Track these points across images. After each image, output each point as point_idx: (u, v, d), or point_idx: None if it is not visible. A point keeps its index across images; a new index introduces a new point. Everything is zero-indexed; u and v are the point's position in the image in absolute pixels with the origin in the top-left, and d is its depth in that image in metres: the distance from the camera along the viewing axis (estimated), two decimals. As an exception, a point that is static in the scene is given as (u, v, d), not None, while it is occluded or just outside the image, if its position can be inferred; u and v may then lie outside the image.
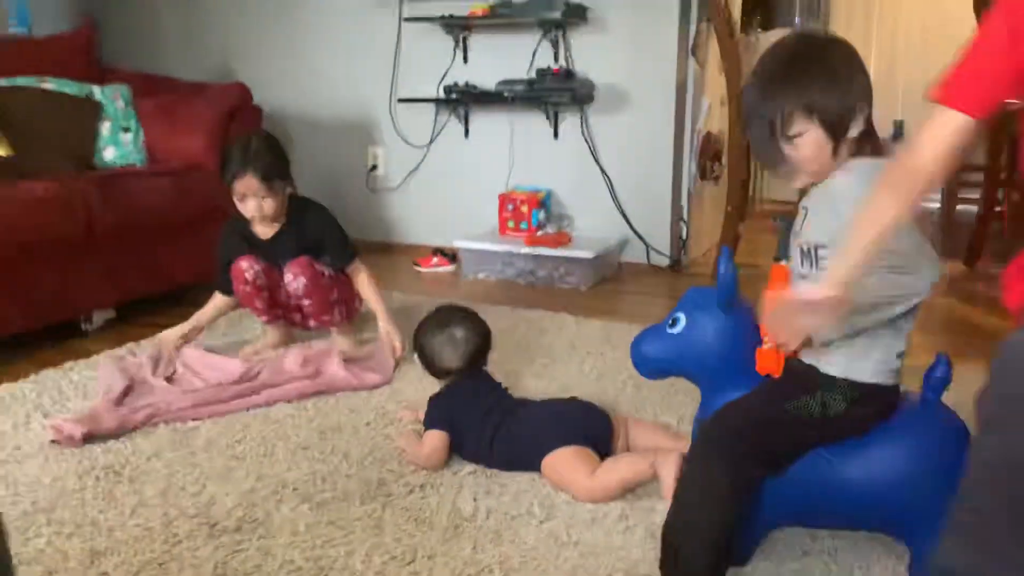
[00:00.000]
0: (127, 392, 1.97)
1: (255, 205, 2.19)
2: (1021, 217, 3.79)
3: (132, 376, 2.05)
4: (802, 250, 1.23)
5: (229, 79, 3.56)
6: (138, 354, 2.20)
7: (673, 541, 1.19)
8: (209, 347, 2.29)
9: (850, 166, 1.20)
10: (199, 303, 2.78)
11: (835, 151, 1.20)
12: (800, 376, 1.22)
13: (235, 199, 2.20)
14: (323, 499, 1.50)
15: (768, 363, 1.24)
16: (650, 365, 1.35)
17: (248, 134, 2.28)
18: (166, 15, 4.04)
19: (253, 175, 2.15)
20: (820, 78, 1.18)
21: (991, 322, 2.51)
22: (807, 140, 1.19)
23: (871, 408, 1.21)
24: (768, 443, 1.20)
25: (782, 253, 1.28)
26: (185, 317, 2.60)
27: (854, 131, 1.20)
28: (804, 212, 1.25)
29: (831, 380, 1.20)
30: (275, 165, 2.20)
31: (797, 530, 1.35)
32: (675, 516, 1.20)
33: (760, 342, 1.25)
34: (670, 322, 1.32)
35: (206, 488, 1.55)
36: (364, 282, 2.31)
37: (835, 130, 1.19)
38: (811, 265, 1.21)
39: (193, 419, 1.85)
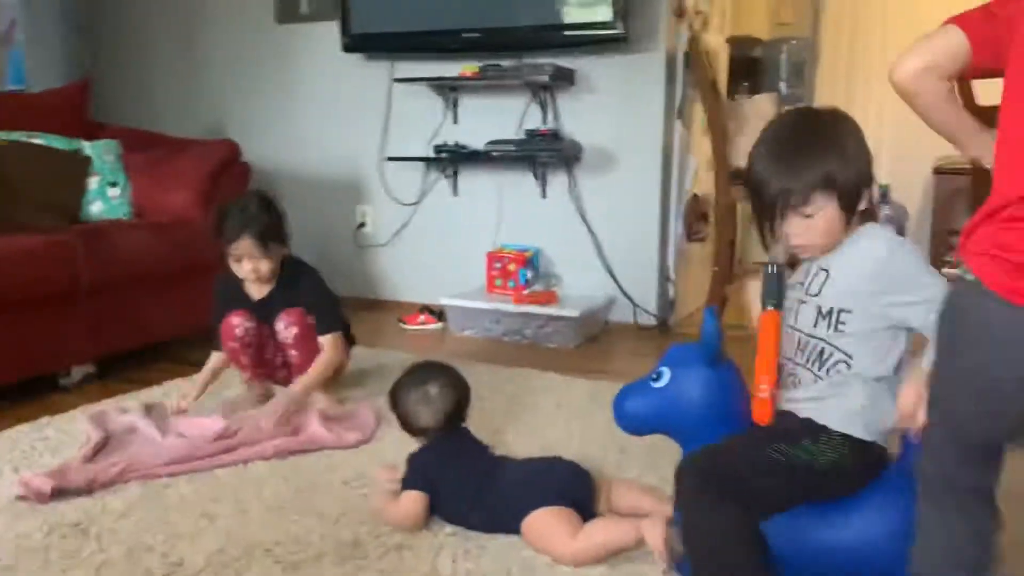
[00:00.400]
0: (102, 447, 1.93)
1: (251, 267, 2.18)
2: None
3: (109, 430, 2.01)
4: (820, 310, 1.23)
5: (220, 136, 3.59)
6: (128, 409, 2.16)
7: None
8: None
9: (870, 232, 1.23)
10: (181, 359, 2.78)
11: (847, 223, 1.22)
12: (794, 425, 1.22)
13: (230, 260, 2.19)
14: (295, 560, 1.45)
15: (763, 411, 1.23)
16: (633, 421, 1.34)
17: (246, 195, 2.27)
18: (161, 74, 4.10)
19: (251, 238, 2.14)
20: (836, 153, 1.21)
21: None
22: (824, 215, 1.21)
23: (862, 465, 1.20)
24: (760, 487, 1.19)
25: (770, 300, 1.26)
26: (167, 373, 2.59)
27: (863, 204, 1.23)
28: (824, 273, 1.24)
29: (823, 429, 1.19)
30: (272, 228, 2.20)
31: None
32: (697, 556, 1.18)
33: (749, 393, 1.24)
34: (653, 377, 1.31)
35: (175, 548, 1.50)
36: (325, 351, 2.22)
37: (850, 204, 1.21)
38: (828, 327, 1.21)
39: (167, 476, 1.80)
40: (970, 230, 0.97)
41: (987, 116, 1.12)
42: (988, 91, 1.19)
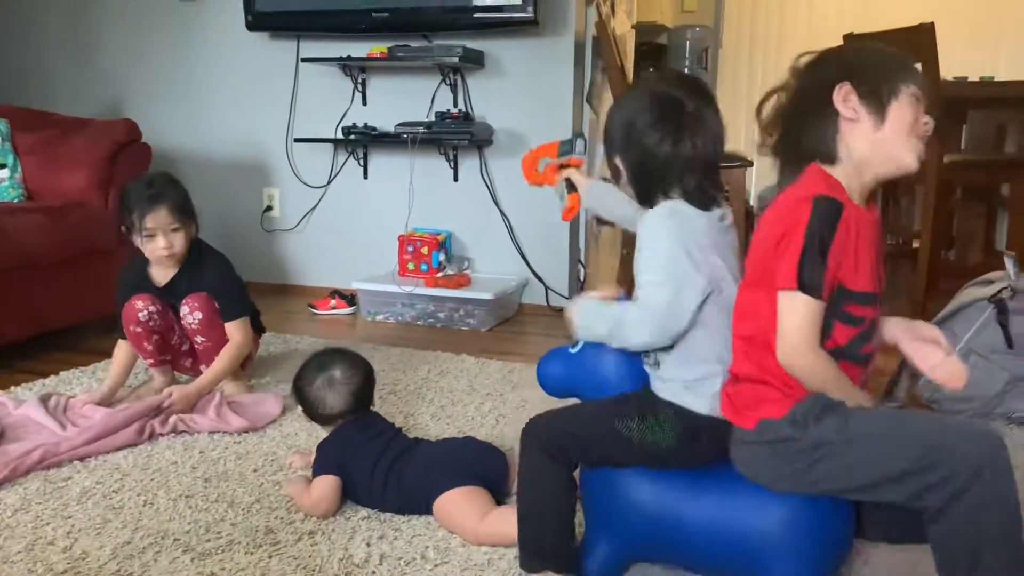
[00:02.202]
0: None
1: (164, 242, 2.10)
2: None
3: (3, 424, 1.92)
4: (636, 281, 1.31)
5: (117, 117, 3.44)
6: (23, 400, 2.06)
7: (532, 532, 1.28)
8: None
9: (659, 207, 1.28)
10: (79, 347, 2.68)
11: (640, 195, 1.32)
12: (640, 397, 1.28)
13: (141, 237, 2.10)
14: (206, 549, 1.42)
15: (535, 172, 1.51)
16: (551, 383, 1.41)
17: (148, 174, 2.19)
18: (52, 50, 3.90)
19: (166, 207, 2.08)
20: (609, 126, 1.34)
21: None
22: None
23: (705, 441, 1.23)
24: (593, 454, 1.28)
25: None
26: (63, 362, 2.49)
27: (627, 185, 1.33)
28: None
29: (661, 404, 1.25)
30: (183, 200, 2.14)
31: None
32: (528, 509, 1.28)
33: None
34: (571, 345, 1.38)
35: (78, 541, 1.45)
36: (231, 342, 2.16)
37: (615, 174, 1.34)
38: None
39: (93, 455, 1.79)
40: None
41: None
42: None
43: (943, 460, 1.03)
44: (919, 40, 2.81)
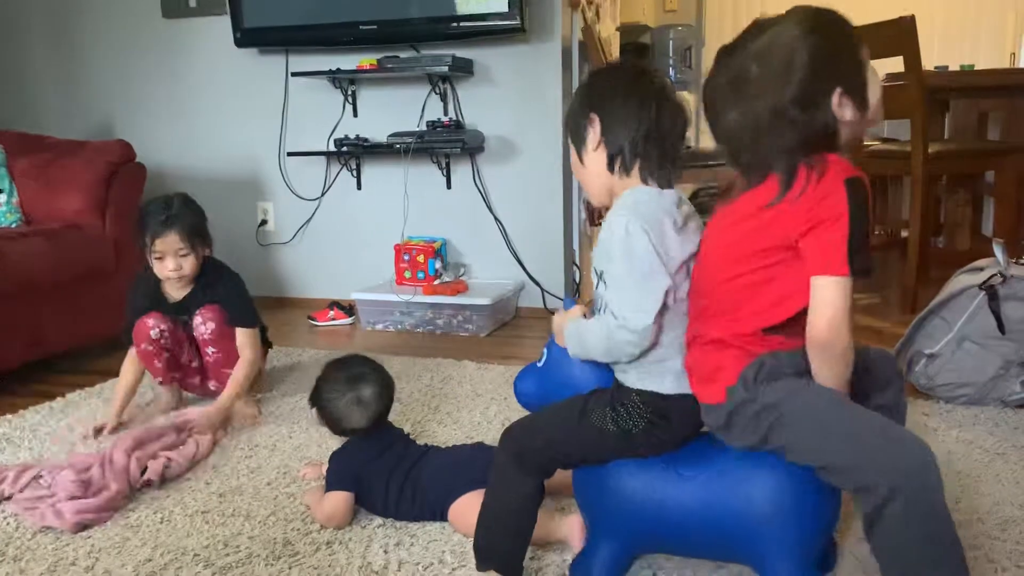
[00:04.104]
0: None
1: (174, 266, 2.13)
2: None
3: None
4: (594, 270, 1.30)
5: (108, 137, 3.46)
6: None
7: (486, 532, 1.31)
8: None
9: (626, 196, 1.27)
10: (81, 368, 2.69)
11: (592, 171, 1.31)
12: (608, 390, 1.30)
13: (152, 258, 2.14)
14: (226, 563, 1.45)
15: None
16: (527, 399, 1.44)
17: (168, 195, 2.22)
18: (39, 73, 3.91)
19: (176, 233, 2.12)
20: (576, 104, 1.32)
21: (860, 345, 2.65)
22: (574, 161, 1.34)
23: (676, 419, 1.25)
24: (571, 454, 1.29)
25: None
26: (63, 385, 2.50)
27: (594, 151, 1.29)
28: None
29: (629, 392, 1.26)
30: (196, 224, 2.18)
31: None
32: (488, 510, 1.31)
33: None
34: (539, 358, 1.42)
35: (100, 561, 1.47)
36: (243, 359, 2.19)
37: (578, 149, 1.31)
38: (604, 287, 1.27)
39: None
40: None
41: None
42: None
43: (865, 466, 1.04)
44: (900, 33, 2.86)
